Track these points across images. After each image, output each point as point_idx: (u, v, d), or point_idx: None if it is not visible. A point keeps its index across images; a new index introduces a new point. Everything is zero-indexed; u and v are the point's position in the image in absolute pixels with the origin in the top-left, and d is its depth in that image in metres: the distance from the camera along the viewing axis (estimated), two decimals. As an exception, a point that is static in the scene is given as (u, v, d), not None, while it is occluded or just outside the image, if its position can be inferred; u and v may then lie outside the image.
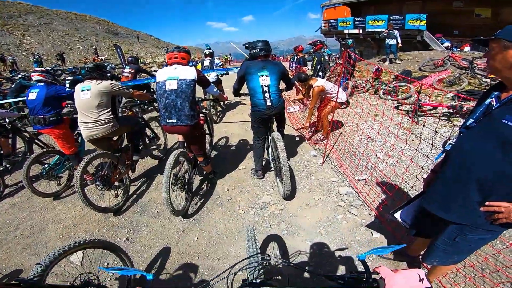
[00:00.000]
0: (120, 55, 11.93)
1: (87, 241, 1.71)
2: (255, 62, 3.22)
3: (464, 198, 1.31)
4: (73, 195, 3.68)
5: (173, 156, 2.85)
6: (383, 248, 0.85)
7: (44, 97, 3.44)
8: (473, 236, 1.36)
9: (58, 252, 1.55)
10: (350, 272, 0.84)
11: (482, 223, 1.29)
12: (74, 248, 1.64)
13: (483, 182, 1.24)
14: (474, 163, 1.26)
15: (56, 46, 27.40)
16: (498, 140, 1.16)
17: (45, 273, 1.47)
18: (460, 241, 1.41)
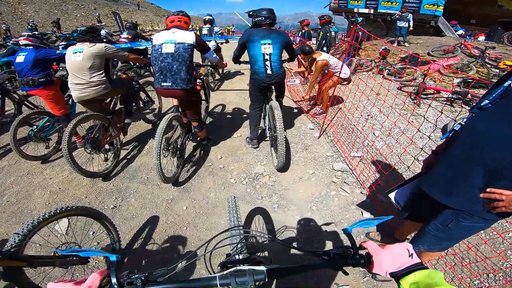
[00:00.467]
0: (119, 22, 11.55)
1: (69, 208, 1.62)
2: (258, 30, 3.11)
3: (468, 182, 1.24)
4: (61, 158, 3.58)
5: (165, 120, 2.74)
6: (370, 220, 0.78)
7: (32, 59, 3.36)
8: (467, 223, 1.31)
9: (37, 220, 1.47)
10: (336, 248, 0.77)
11: (479, 211, 1.24)
12: (55, 215, 1.55)
13: (496, 165, 1.15)
14: (489, 144, 1.16)
15: (52, 14, 26.54)
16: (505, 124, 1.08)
17: (23, 243, 1.39)
18: (453, 227, 1.37)
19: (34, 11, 26.07)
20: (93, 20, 26.87)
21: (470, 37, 11.54)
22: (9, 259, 1.25)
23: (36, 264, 1.37)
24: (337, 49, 10.12)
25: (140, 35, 7.57)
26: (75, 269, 1.99)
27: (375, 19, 16.40)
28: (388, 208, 2.49)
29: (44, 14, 26.20)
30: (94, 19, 27.32)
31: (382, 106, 4.29)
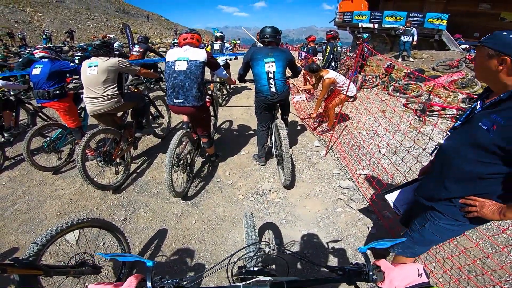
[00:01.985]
0: (129, 34, 11.79)
1: (85, 219, 1.68)
2: (261, 48, 3.19)
3: (444, 192, 1.38)
4: (73, 170, 3.67)
5: (177, 136, 2.82)
6: (384, 241, 0.83)
7: (48, 72, 3.44)
8: (442, 224, 1.41)
9: (55, 230, 1.51)
10: (350, 264, 0.83)
11: (455, 213, 1.36)
12: (72, 226, 1.60)
13: (459, 179, 1.32)
14: (453, 161, 1.34)
15: (66, 24, 27.33)
16: (472, 141, 1.22)
17: (41, 252, 1.43)
18: (428, 227, 1.47)
19: (49, 20, 26.88)
20: (106, 31, 27.51)
21: (474, 51, 11.51)
22: (27, 268, 1.29)
23: (52, 273, 1.41)
24: (343, 65, 10.23)
25: (151, 48, 7.71)
26: (86, 279, 2.02)
27: (380, 33, 16.60)
28: (394, 224, 2.51)
29: (58, 24, 26.97)
30: (101, 30, 28.00)
31: (388, 124, 4.33)
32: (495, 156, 1.14)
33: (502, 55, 1.09)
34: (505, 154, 1.11)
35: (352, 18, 17.69)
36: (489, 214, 1.21)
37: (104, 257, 0.81)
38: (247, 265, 1.07)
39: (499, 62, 1.11)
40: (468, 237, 2.29)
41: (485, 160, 1.19)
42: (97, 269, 1.70)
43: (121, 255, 0.82)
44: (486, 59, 1.16)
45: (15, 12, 25.39)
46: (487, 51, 1.14)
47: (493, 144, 1.12)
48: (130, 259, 0.82)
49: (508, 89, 1.13)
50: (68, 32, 23.76)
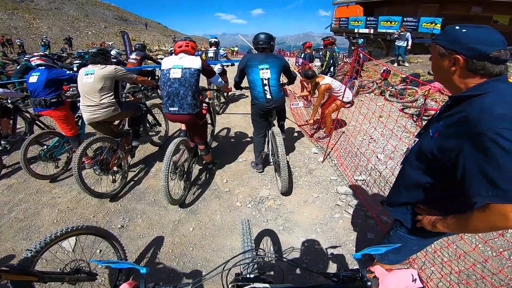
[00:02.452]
0: (126, 42, 11.82)
1: (80, 227, 1.68)
2: (256, 55, 3.19)
3: (400, 199, 1.36)
4: (70, 178, 3.66)
5: (174, 144, 2.82)
6: (379, 247, 0.84)
7: (45, 80, 3.43)
8: (401, 232, 1.39)
9: (49, 238, 1.52)
10: (344, 270, 0.84)
11: (408, 223, 1.34)
12: (66, 234, 1.60)
13: (407, 186, 1.29)
14: (404, 168, 1.32)
15: (64, 31, 27.48)
16: (418, 148, 1.19)
17: (35, 259, 1.44)
18: (392, 235, 1.46)
19: (48, 27, 27.03)
20: (104, 39, 27.67)
21: None
22: (20, 274, 1.29)
23: (47, 280, 1.41)
24: (340, 70, 10.31)
25: (148, 56, 7.77)
26: (82, 286, 2.01)
27: (375, 38, 16.76)
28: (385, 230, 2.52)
29: (57, 30, 27.10)
30: (99, 37, 28.16)
31: (383, 129, 4.36)
32: (432, 164, 1.11)
33: (454, 53, 0.98)
34: (437, 163, 1.07)
35: (348, 23, 17.88)
36: (426, 223, 1.19)
37: (98, 264, 0.81)
38: (244, 272, 1.07)
39: (451, 62, 1.00)
40: (466, 241, 2.31)
41: (424, 167, 1.16)
42: (93, 276, 1.71)
43: (115, 262, 0.83)
44: (438, 58, 1.05)
45: (14, 18, 25.54)
46: (438, 49, 1.04)
47: (429, 152, 1.09)
48: (124, 266, 0.83)
49: (460, 92, 1.03)
50: (66, 39, 23.88)
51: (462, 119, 0.95)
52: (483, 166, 0.86)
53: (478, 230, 1.02)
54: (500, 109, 0.85)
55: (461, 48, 0.95)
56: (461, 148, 0.92)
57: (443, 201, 1.17)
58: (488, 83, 0.95)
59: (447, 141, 1.00)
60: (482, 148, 0.86)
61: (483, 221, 0.92)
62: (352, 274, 0.82)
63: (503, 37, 0.93)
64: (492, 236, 2.35)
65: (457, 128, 0.97)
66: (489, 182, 0.85)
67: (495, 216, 0.88)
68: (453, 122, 0.99)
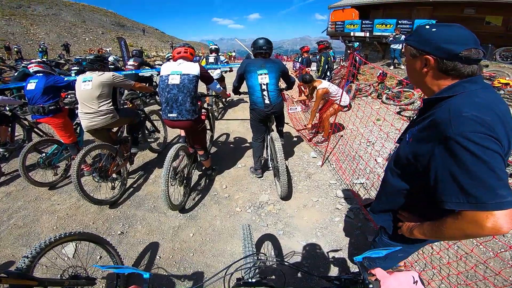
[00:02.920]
0: (124, 48, 11.84)
1: (72, 233, 1.70)
2: (254, 60, 3.21)
3: (382, 205, 1.34)
4: (69, 185, 3.65)
5: (173, 150, 2.83)
6: (379, 250, 0.86)
7: (43, 87, 3.42)
8: (385, 239, 1.37)
9: (44, 244, 1.55)
10: (346, 274, 0.85)
11: (390, 229, 1.31)
12: (60, 239, 1.62)
13: (387, 192, 1.27)
14: (387, 176, 1.28)
15: (62, 37, 27.48)
16: (397, 153, 1.17)
17: (32, 264, 1.46)
18: (378, 241, 1.44)
19: (45, 33, 27.01)
20: (101, 44, 27.71)
21: None
22: (19, 279, 1.30)
23: (47, 284, 1.42)
24: (336, 74, 10.38)
25: (146, 62, 7.78)
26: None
27: (371, 41, 16.90)
28: None
29: (54, 36, 27.07)
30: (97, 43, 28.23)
31: (379, 133, 4.39)
32: (408, 170, 1.08)
33: (424, 54, 0.94)
34: (413, 169, 1.03)
35: (344, 27, 18.04)
36: (404, 230, 1.16)
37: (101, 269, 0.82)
38: (245, 277, 1.08)
39: (423, 63, 0.97)
40: (465, 244, 2.32)
41: (401, 172, 1.13)
42: (91, 281, 1.72)
43: (117, 267, 0.83)
44: (411, 59, 1.01)
45: (11, 24, 25.51)
46: (410, 50, 1.00)
47: (405, 157, 1.06)
48: (126, 271, 0.83)
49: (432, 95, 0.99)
50: (64, 45, 23.85)
51: (432, 123, 0.92)
52: (453, 172, 0.82)
53: (454, 237, 0.98)
54: (469, 111, 0.82)
55: (431, 48, 0.92)
56: (432, 153, 0.89)
57: (420, 207, 1.13)
58: (459, 85, 0.92)
59: (420, 146, 0.97)
60: (451, 153, 0.82)
61: (457, 228, 0.88)
62: (354, 277, 0.83)
63: (475, 36, 0.90)
64: (491, 237, 2.37)
65: (428, 132, 0.94)
66: (460, 189, 0.82)
67: (468, 224, 0.83)
68: (425, 126, 0.96)
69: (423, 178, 0.97)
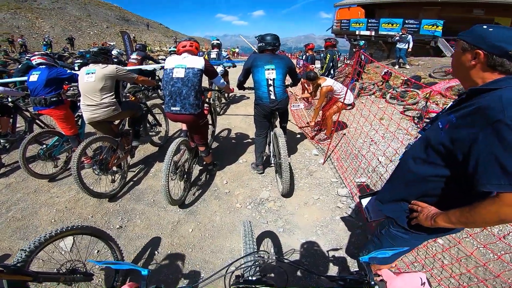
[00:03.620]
0: (127, 42, 11.78)
1: (75, 226, 1.66)
2: (262, 55, 3.19)
3: (394, 195, 1.36)
4: (69, 178, 3.64)
5: (175, 144, 2.81)
6: (386, 250, 0.83)
7: (45, 79, 3.42)
8: (394, 231, 1.38)
9: (43, 237, 1.51)
10: (351, 274, 0.83)
11: (402, 220, 1.31)
12: (61, 233, 1.59)
13: (406, 180, 1.28)
14: (404, 162, 1.31)
15: (67, 31, 27.55)
16: (424, 141, 1.19)
17: (29, 259, 1.43)
18: (384, 233, 1.45)
19: (50, 26, 27.08)
20: (106, 39, 27.72)
21: None
22: (14, 274, 1.27)
23: (42, 279, 1.39)
24: (340, 72, 10.29)
25: (149, 56, 7.78)
26: (78, 286, 1.99)
27: (377, 41, 16.82)
28: None
29: (59, 30, 27.14)
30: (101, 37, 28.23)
31: (385, 132, 4.32)
32: (439, 156, 1.10)
33: (476, 48, 1.02)
34: (448, 155, 1.06)
35: (349, 25, 17.96)
36: (423, 219, 1.16)
37: (97, 265, 0.80)
38: (245, 275, 1.05)
39: (472, 56, 1.04)
40: (465, 247, 2.28)
41: (431, 160, 1.14)
42: (89, 276, 1.68)
43: (115, 263, 0.81)
44: (461, 52, 1.09)
45: (16, 18, 25.59)
46: (461, 44, 1.08)
47: (440, 143, 1.08)
48: (124, 267, 0.81)
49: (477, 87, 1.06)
50: (68, 39, 23.94)
51: (478, 110, 0.96)
52: (497, 154, 0.85)
53: (487, 222, 0.98)
54: None
55: (484, 44, 0.99)
56: (476, 137, 0.92)
57: (448, 194, 1.14)
58: (505, 80, 0.98)
59: (460, 131, 1.00)
60: (498, 135, 0.86)
61: (492, 212, 0.89)
62: (359, 277, 0.80)
63: None
64: (492, 239, 2.33)
65: (472, 118, 0.97)
66: (502, 170, 0.84)
67: (506, 207, 0.85)
68: (468, 112, 1.00)
69: (458, 162, 1.01)
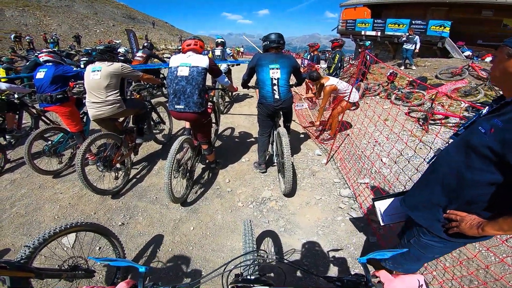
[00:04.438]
0: (133, 40, 11.85)
1: (79, 223, 1.68)
2: (266, 55, 3.18)
3: (429, 201, 1.32)
4: (72, 174, 3.68)
5: (178, 142, 2.82)
6: (385, 251, 0.82)
7: (52, 76, 3.46)
8: (425, 240, 1.35)
9: (48, 234, 1.52)
10: (349, 275, 0.81)
11: (437, 229, 1.29)
12: (66, 230, 1.60)
13: (444, 186, 1.24)
14: (441, 166, 1.28)
15: (74, 28, 27.76)
16: (465, 145, 1.16)
17: (33, 255, 1.44)
18: (413, 243, 1.42)
19: (57, 24, 27.30)
20: (112, 37, 27.89)
21: (477, 58, 11.16)
22: (17, 270, 1.28)
23: (44, 276, 1.40)
24: (345, 72, 10.23)
25: (154, 54, 7.79)
26: (80, 283, 2.01)
27: (383, 41, 16.67)
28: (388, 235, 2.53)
29: (66, 28, 27.35)
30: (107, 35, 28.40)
31: (389, 133, 4.30)
32: (487, 161, 1.06)
33: None
34: (497, 159, 1.02)
35: (355, 25, 17.83)
36: (467, 228, 1.14)
37: (97, 262, 0.80)
38: (244, 273, 1.05)
39: None
40: (467, 249, 2.25)
41: (476, 165, 1.11)
42: (90, 273, 1.69)
43: (113, 260, 0.81)
44: (505, 58, 1.08)
45: (24, 15, 25.82)
46: (507, 50, 1.07)
47: (486, 147, 1.05)
48: (122, 264, 0.81)
49: None
50: (75, 37, 24.11)
51: None
52: None
53: None
54: None
55: None
56: None
57: (497, 200, 1.10)
58: None
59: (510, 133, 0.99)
60: None
61: None
62: (357, 279, 0.79)
63: None
64: (495, 242, 2.30)
65: None
66: None
67: None
68: None
69: (510, 166, 0.99)
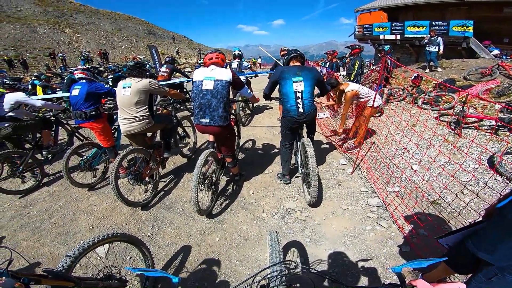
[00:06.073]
0: (155, 55, 12.24)
1: (115, 234, 1.76)
2: (289, 67, 3.18)
3: None
4: (106, 187, 3.86)
5: (203, 156, 2.88)
6: (422, 260, 0.79)
7: (85, 93, 3.64)
8: None
9: (87, 244, 1.60)
10: (382, 284, 0.79)
11: None
12: (103, 240, 1.68)
13: None
14: None
15: (101, 45, 29.35)
16: None
17: (73, 264, 1.51)
18: (496, 280, 1.31)
19: (86, 41, 29.02)
20: (136, 52, 29.14)
21: (506, 57, 10.57)
22: (59, 279, 1.34)
23: (83, 285, 1.46)
24: (366, 79, 10.01)
25: (177, 69, 8.02)
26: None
27: (403, 44, 16.19)
28: (427, 243, 2.42)
29: (94, 45, 28.96)
30: (131, 51, 29.65)
31: (419, 140, 4.12)
32: None
33: None
34: None
35: (373, 30, 17.45)
36: None
37: (133, 272, 0.84)
38: (271, 284, 1.05)
39: None
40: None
41: None
42: (124, 282, 1.76)
43: (148, 270, 0.85)
44: None
45: (56, 33, 27.66)
46: None
47: None
48: (157, 275, 0.84)
49: None
50: (102, 54, 25.35)
51: None
52: None
53: None
54: None
55: None
56: None
57: None
58: None
59: None
60: None
61: None
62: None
63: None
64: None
65: None
66: None
67: None
68: None
69: None
